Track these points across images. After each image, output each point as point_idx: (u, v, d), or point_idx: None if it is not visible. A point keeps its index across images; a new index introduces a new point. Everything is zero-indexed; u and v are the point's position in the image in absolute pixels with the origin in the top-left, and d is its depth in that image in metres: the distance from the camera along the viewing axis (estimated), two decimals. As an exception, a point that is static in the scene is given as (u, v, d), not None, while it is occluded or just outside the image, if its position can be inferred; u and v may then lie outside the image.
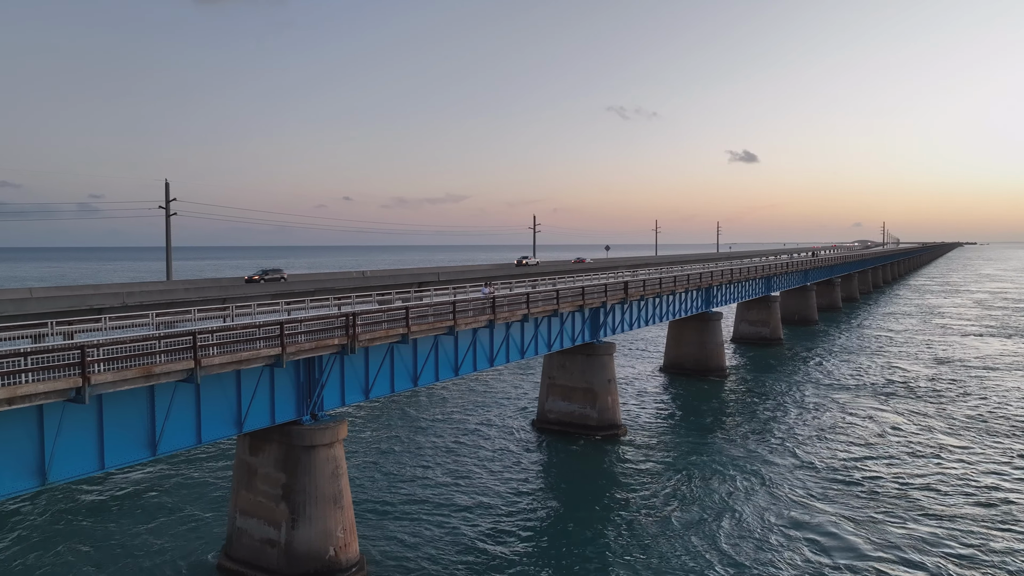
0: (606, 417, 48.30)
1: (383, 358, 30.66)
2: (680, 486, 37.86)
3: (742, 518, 33.40)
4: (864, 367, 72.52)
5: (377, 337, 28.29)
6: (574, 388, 49.19)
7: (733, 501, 35.55)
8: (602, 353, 48.54)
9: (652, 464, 41.88)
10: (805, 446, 44.96)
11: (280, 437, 27.15)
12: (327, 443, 26.95)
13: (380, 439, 47.05)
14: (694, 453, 43.76)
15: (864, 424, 50.28)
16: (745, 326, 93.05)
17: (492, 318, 35.14)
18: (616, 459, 43.21)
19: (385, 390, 31.57)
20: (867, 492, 36.88)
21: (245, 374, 24.80)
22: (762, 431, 48.59)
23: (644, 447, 45.50)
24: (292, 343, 24.46)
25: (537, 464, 42.41)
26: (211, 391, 23.79)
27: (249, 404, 24.95)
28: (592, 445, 45.97)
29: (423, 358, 33.15)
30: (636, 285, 50.04)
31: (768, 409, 54.97)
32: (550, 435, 48.30)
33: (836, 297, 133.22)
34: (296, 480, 26.91)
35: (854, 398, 58.50)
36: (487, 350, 37.95)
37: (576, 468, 41.65)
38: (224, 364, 22.19)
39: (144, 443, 22.00)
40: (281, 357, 23.90)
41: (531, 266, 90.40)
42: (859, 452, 43.71)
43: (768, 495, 36.32)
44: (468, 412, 54.26)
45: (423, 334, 31.05)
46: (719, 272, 66.53)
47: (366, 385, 30.45)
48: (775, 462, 41.79)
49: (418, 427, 49.81)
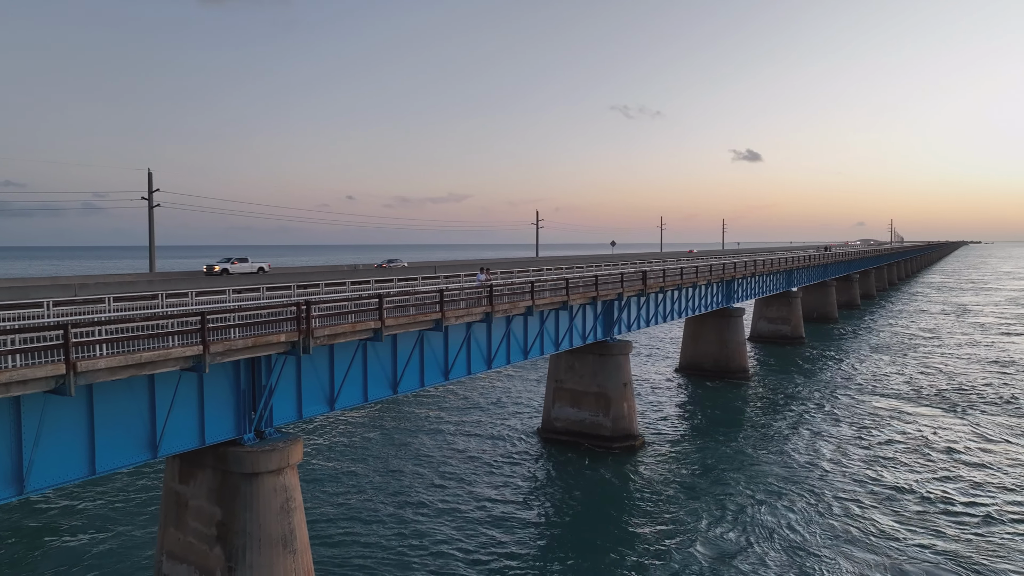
0: (621, 426, 42.19)
1: (352, 358, 24.60)
2: (709, 509, 31.76)
3: (784, 547, 27.31)
4: (902, 369, 66.14)
5: (342, 332, 22.25)
6: (584, 393, 43.09)
7: (772, 528, 29.45)
8: (617, 353, 42.44)
9: (675, 482, 35.77)
10: (849, 463, 38.77)
11: (215, 461, 21.15)
12: (274, 469, 20.91)
13: (349, 458, 39.63)
14: (722, 468, 37.63)
15: (915, 435, 44.07)
16: (764, 323, 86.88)
17: (489, 310, 29.07)
18: (634, 476, 37.11)
19: (356, 399, 25.51)
20: (928, 517, 30.75)
21: (160, 380, 18.81)
22: (796, 443, 42.42)
23: (665, 461, 39.39)
24: (220, 340, 18.41)
25: (542, 482, 36.33)
26: (109, 404, 17.79)
27: (166, 420, 18.93)
28: (605, 458, 39.87)
29: (404, 359, 27.09)
30: (655, 276, 43.92)
31: (799, 417, 48.78)
32: (557, 447, 42.22)
33: (855, 294, 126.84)
34: (234, 517, 20.88)
35: (898, 404, 52.23)
36: (483, 349, 31.89)
37: (588, 487, 35.55)
38: (115, 369, 16.15)
39: (7, 477, 16.02)
40: (203, 358, 17.84)
41: (394, 269, 52.19)
42: (913, 468, 37.53)
43: (810, 520, 30.20)
44: (459, 421, 48.07)
45: (403, 329, 24.99)
46: (742, 264, 60.40)
47: (331, 393, 24.40)
48: (814, 481, 35.63)
49: (398, 441, 43.04)
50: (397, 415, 48.80)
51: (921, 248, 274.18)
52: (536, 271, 42.99)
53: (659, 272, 44.75)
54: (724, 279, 56.87)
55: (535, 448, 42.05)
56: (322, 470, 37.76)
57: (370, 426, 46.25)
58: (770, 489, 34.51)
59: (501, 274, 38.52)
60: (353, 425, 46.50)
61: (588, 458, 40.07)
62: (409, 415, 48.94)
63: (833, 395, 55.24)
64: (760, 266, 65.91)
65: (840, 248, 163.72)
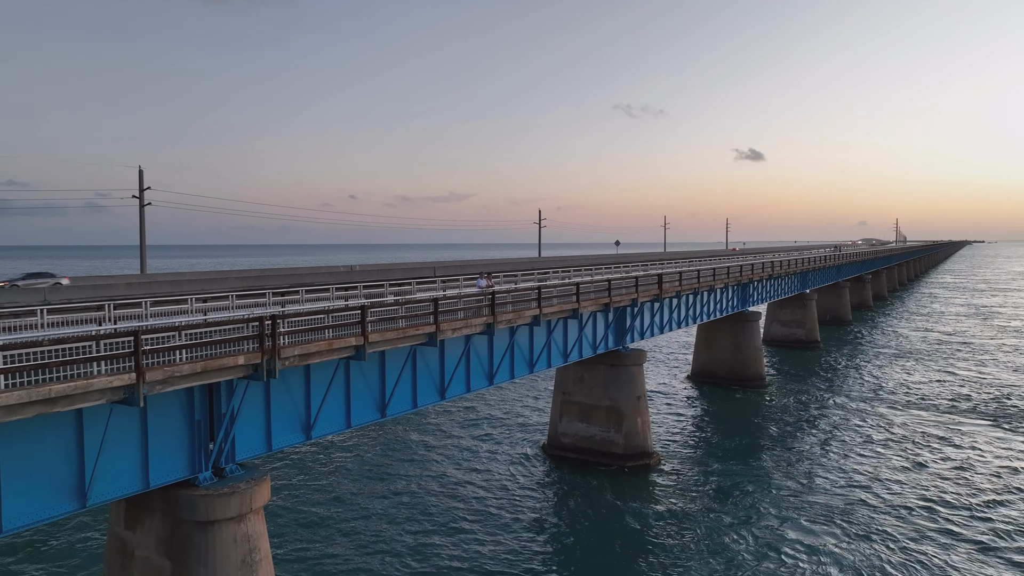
0: (634, 443, 38.74)
1: (331, 378, 21.18)
2: (734, 539, 28.30)
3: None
4: (932, 376, 62.40)
5: (316, 351, 18.83)
6: (595, 406, 39.65)
7: (805, 562, 25.99)
8: (629, 363, 38.98)
9: (695, 506, 32.31)
10: (889, 486, 35.28)
11: (164, 505, 17.76)
12: (234, 516, 17.51)
13: (329, 492, 34.12)
14: (746, 491, 34.15)
15: (958, 453, 40.55)
16: (777, 327, 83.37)
17: (491, 321, 25.64)
18: (649, 498, 33.69)
19: (337, 424, 22.12)
20: (990, 555, 27.28)
21: (89, 414, 15.40)
22: (825, 461, 38.92)
23: (683, 482, 35.95)
24: (158, 366, 14.99)
25: (549, 507, 32.90)
26: (16, 447, 14.39)
27: (96, 462, 15.53)
28: (618, 479, 36.44)
29: (393, 377, 23.67)
30: (671, 279, 40.45)
31: (826, 431, 45.27)
32: (564, 465, 38.78)
33: (867, 295, 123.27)
34: (187, 572, 17.50)
35: (935, 417, 48.65)
36: (485, 363, 28.44)
37: (600, 512, 32.13)
38: (14, 407, 12.73)
39: None
40: (136, 389, 14.44)
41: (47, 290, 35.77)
42: (964, 496, 34.04)
43: (846, 553, 26.74)
44: (456, 437, 44.46)
45: (390, 345, 21.59)
46: (759, 266, 56.91)
47: (307, 420, 21.00)
48: (850, 506, 32.15)
49: (386, 466, 38.30)
50: (385, 435, 44.21)
51: (928, 247, 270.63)
52: (543, 274, 39.53)
53: (675, 275, 41.27)
54: (741, 282, 53.40)
55: (540, 467, 38.61)
56: (297, 509, 32.27)
57: (354, 449, 41.32)
58: (801, 516, 31.04)
59: (504, 277, 35.11)
60: (334, 449, 41.35)
61: (599, 478, 36.63)
62: (399, 434, 44.51)
63: (860, 406, 51.69)
64: (778, 267, 62.43)
65: (849, 248, 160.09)
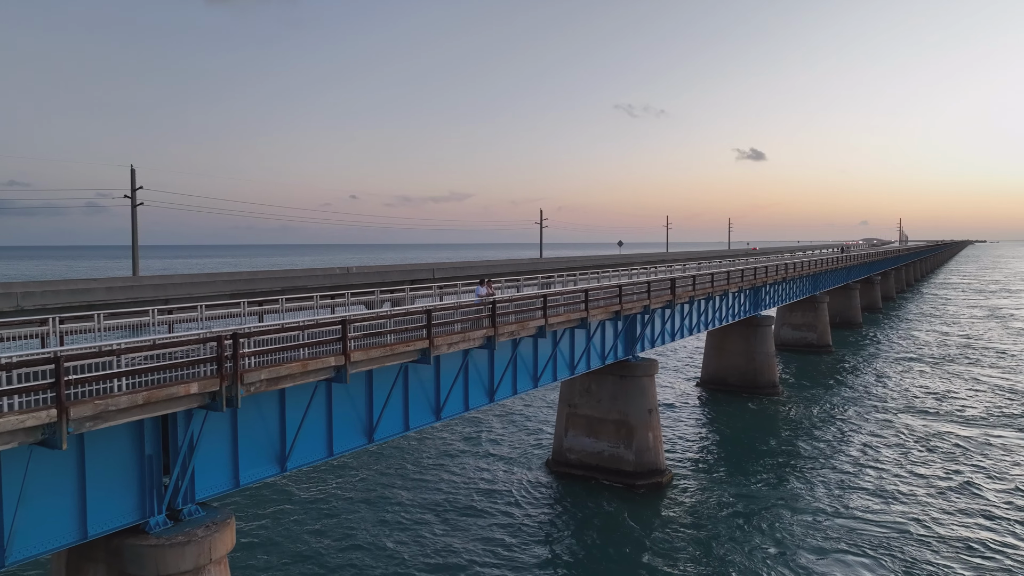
0: (646, 459, 36.11)
1: (309, 401, 18.55)
2: (762, 569, 25.72)
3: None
4: (959, 384, 59.16)
5: (287, 375, 16.22)
6: (603, 420, 37.04)
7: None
8: (640, 374, 36.35)
9: (715, 531, 29.68)
10: (924, 504, 32.66)
11: (109, 556, 15.17)
12: (189, 570, 14.90)
13: (309, 527, 29.98)
14: (771, 514, 31.48)
15: (1001, 471, 37.92)
16: (787, 331, 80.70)
17: (492, 333, 23.03)
18: (663, 521, 31.08)
19: (316, 453, 19.48)
20: None
21: (5, 458, 12.81)
22: (856, 480, 36.23)
23: (699, 503, 33.33)
24: (86, 400, 12.38)
25: (553, 530, 30.27)
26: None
27: (16, 510, 12.93)
28: (628, 499, 33.82)
29: (381, 397, 21.04)
30: (685, 283, 37.83)
31: (850, 443, 42.58)
32: (570, 483, 36.16)
33: (876, 296, 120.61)
34: (133, 636, 14.91)
35: (963, 428, 45.94)
36: (484, 379, 25.82)
37: (609, 536, 29.51)
38: None
39: None
40: (58, 428, 11.83)
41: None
42: (1011, 519, 31.43)
43: None
44: (453, 451, 41.70)
45: (376, 363, 18.99)
46: (773, 268, 54.29)
47: (281, 449, 18.38)
48: (889, 534, 29.53)
49: (374, 488, 35.06)
50: (372, 453, 40.65)
51: (934, 247, 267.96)
52: (546, 278, 36.92)
53: (688, 279, 38.65)
54: (755, 285, 50.78)
55: (544, 486, 36.00)
56: (274, 544, 28.19)
57: (339, 471, 37.43)
58: (834, 547, 28.39)
59: (506, 283, 32.48)
60: (316, 473, 36.82)
61: (608, 498, 34.04)
62: (388, 450, 41.18)
63: (887, 417, 48.86)
64: (792, 269, 59.81)
65: (858, 248, 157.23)
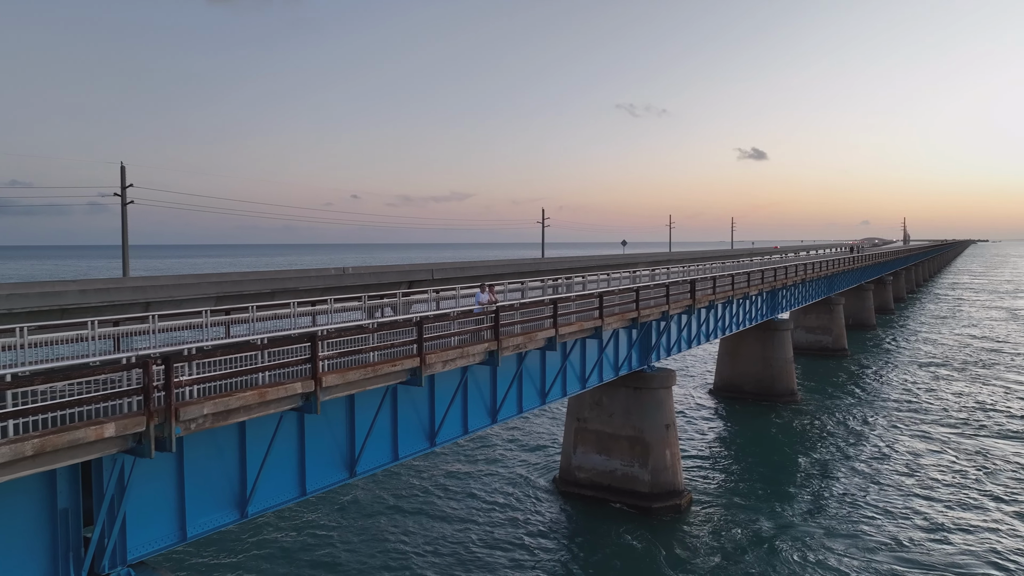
0: (663, 479, 32.94)
1: (274, 431, 15.40)
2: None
3: None
4: (987, 390, 55.72)
5: (240, 407, 13.07)
6: (615, 436, 33.89)
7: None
8: (656, 386, 33.19)
9: (740, 561, 26.50)
10: (974, 532, 29.48)
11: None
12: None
13: (290, 557, 26.97)
14: (801, 541, 28.26)
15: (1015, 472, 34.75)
16: (801, 334, 77.41)
17: (494, 347, 19.87)
18: (684, 550, 27.92)
19: (286, 492, 16.31)
20: None
21: None
22: (894, 499, 33.02)
23: (721, 529, 30.15)
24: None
25: (561, 556, 27.12)
26: None
27: None
28: (644, 524, 30.65)
29: (365, 424, 17.87)
30: (704, 286, 34.67)
31: (883, 457, 39.33)
32: (579, 505, 33.02)
33: (888, 297, 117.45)
34: None
35: (1003, 440, 42.75)
36: (486, 397, 22.65)
37: (622, 565, 26.39)
38: None
39: None
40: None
41: None
42: None
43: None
44: (453, 468, 38.57)
45: (357, 388, 15.84)
46: (793, 268, 51.14)
47: (241, 491, 15.21)
48: (934, 558, 26.36)
49: (358, 520, 32.16)
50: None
51: (940, 247, 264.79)
52: (554, 279, 33.70)
53: (708, 281, 35.47)
54: (774, 287, 47.61)
55: (552, 507, 32.85)
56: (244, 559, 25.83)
57: (315, 506, 29.75)
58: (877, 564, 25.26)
59: (508, 288, 29.29)
60: (287, 511, 31.12)
61: (620, 522, 30.89)
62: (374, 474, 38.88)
63: (919, 429, 45.51)
64: (810, 270, 56.64)
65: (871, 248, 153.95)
